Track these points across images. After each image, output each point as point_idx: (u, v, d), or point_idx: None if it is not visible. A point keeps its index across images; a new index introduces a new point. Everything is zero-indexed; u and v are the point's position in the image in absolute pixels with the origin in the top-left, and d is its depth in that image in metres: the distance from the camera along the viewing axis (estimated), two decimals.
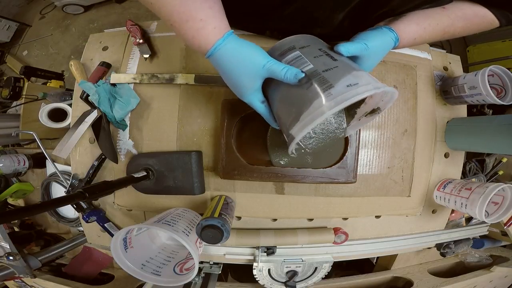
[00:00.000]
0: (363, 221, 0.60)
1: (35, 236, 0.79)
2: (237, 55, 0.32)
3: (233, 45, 0.31)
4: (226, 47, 0.31)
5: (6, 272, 0.57)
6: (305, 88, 0.30)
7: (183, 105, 0.55)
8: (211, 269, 0.62)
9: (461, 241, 0.69)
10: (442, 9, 0.40)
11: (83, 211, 0.57)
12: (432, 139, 0.60)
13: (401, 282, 0.72)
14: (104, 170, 0.58)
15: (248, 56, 0.32)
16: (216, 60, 0.32)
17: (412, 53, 0.60)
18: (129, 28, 0.56)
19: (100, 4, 2.33)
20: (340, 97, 0.26)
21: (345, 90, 0.27)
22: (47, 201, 0.48)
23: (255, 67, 0.32)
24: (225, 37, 0.31)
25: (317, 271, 0.59)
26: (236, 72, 0.33)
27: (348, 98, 0.26)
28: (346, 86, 0.27)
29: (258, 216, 0.58)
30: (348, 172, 0.50)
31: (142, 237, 0.50)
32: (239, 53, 0.32)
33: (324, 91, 0.28)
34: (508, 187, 0.51)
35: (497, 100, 0.52)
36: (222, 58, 0.32)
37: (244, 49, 0.32)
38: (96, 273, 0.73)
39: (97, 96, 0.53)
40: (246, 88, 0.34)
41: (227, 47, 0.31)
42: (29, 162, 0.77)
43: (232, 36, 0.32)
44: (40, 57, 2.32)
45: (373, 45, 0.36)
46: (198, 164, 0.53)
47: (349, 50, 0.35)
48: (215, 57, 0.32)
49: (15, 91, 0.89)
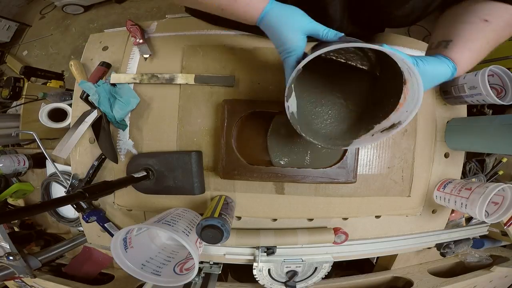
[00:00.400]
0: (363, 221, 0.60)
1: (35, 236, 0.79)
2: (284, 15, 0.36)
3: (279, 7, 0.36)
4: (273, 10, 0.36)
5: (6, 272, 0.57)
6: None
7: (183, 105, 0.55)
8: (211, 269, 0.62)
9: (461, 241, 0.69)
10: (485, 24, 0.38)
11: (83, 211, 0.57)
12: (432, 139, 0.60)
13: (401, 282, 0.72)
14: (104, 170, 0.58)
15: (293, 15, 0.36)
16: (267, 23, 0.37)
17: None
18: (129, 28, 0.56)
19: (100, 4, 2.33)
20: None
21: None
22: (47, 201, 0.48)
23: (300, 23, 0.36)
24: (270, 2, 0.36)
25: (317, 271, 0.59)
26: (284, 29, 0.36)
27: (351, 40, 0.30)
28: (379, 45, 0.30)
29: (258, 216, 0.58)
30: (348, 172, 0.50)
31: (142, 237, 0.50)
32: (286, 13, 0.36)
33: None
34: (508, 187, 0.51)
35: (497, 100, 0.52)
36: (271, 19, 0.36)
37: (289, 10, 0.36)
38: (96, 273, 0.73)
39: (97, 96, 0.53)
40: (292, 42, 0.37)
41: (274, 10, 0.36)
42: (29, 162, 0.77)
43: (275, 1, 0.36)
44: (40, 57, 2.32)
45: (425, 67, 0.35)
46: (198, 164, 0.53)
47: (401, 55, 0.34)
48: (265, 21, 0.37)
49: (15, 91, 0.89)
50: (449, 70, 0.38)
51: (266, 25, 0.37)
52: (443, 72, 0.37)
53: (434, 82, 0.38)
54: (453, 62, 0.38)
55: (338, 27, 0.46)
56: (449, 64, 0.37)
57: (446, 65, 0.37)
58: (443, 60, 0.37)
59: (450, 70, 0.38)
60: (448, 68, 0.37)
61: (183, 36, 0.57)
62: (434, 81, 0.38)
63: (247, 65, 0.55)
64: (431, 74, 0.37)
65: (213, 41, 0.56)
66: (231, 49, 0.56)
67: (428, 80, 0.37)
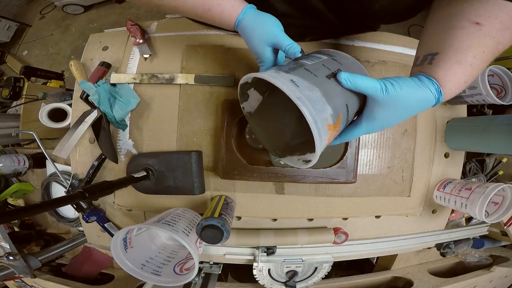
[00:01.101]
0: (363, 221, 0.60)
1: (35, 236, 0.79)
2: (253, 25, 0.36)
3: (251, 17, 0.36)
4: (245, 19, 0.36)
5: (6, 272, 0.57)
6: None
7: (183, 105, 0.55)
8: (211, 269, 0.62)
9: (461, 241, 0.69)
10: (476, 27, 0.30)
11: (83, 211, 0.57)
12: (432, 139, 0.60)
13: (401, 282, 0.72)
14: (104, 170, 0.58)
15: (262, 26, 0.36)
16: (240, 31, 0.37)
17: (412, 53, 0.60)
18: (129, 28, 0.56)
19: (100, 4, 2.33)
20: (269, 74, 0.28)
21: (284, 78, 0.28)
22: (47, 201, 0.48)
23: (266, 35, 0.36)
24: (244, 11, 0.36)
25: (317, 271, 0.59)
26: (251, 40, 0.37)
27: (264, 76, 0.28)
28: (289, 80, 0.28)
29: (258, 216, 0.58)
30: (348, 172, 0.50)
31: (142, 237, 0.50)
32: (255, 23, 0.36)
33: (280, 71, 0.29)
34: (508, 187, 0.51)
35: (497, 100, 0.52)
36: (243, 28, 0.37)
37: (260, 20, 0.36)
38: (96, 273, 0.73)
39: (97, 96, 0.53)
40: (259, 54, 0.37)
41: (246, 19, 0.36)
42: (29, 162, 0.77)
43: (250, 10, 0.36)
44: (40, 57, 2.32)
45: (398, 93, 0.28)
46: (198, 164, 0.53)
47: (352, 81, 0.29)
48: (239, 29, 0.37)
49: (15, 91, 0.89)
50: (431, 96, 0.30)
51: (240, 33, 0.38)
52: (423, 98, 0.30)
53: (411, 112, 0.31)
54: (437, 83, 0.30)
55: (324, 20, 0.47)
56: (431, 88, 0.30)
57: (427, 89, 0.30)
58: (423, 82, 0.30)
59: (432, 95, 0.30)
60: (429, 92, 0.30)
61: (183, 36, 0.57)
62: (411, 110, 0.30)
63: (247, 65, 0.55)
64: (406, 101, 0.29)
65: (213, 41, 0.56)
66: (231, 49, 0.56)
67: (402, 110, 0.30)
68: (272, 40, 0.36)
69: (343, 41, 0.57)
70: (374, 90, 0.29)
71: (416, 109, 0.31)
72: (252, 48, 0.38)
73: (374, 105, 0.30)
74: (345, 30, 0.55)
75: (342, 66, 0.33)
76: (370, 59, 0.57)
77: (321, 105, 0.27)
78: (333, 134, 0.30)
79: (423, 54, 0.34)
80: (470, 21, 0.30)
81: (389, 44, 0.58)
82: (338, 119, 0.29)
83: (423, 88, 0.30)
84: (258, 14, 0.37)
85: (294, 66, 0.30)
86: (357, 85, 0.29)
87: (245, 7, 0.36)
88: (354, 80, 0.29)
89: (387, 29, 0.59)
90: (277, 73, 0.29)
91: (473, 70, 0.31)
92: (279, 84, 0.26)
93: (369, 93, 0.29)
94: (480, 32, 0.30)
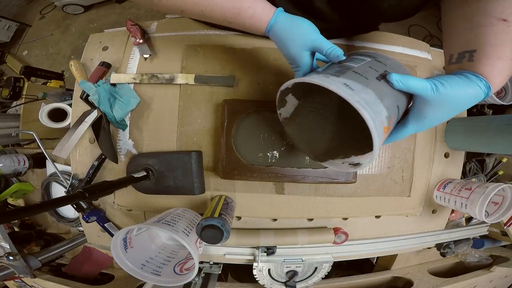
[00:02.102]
0: (363, 221, 0.60)
1: (35, 236, 0.79)
2: (289, 30, 0.35)
3: (284, 21, 0.35)
4: (278, 24, 0.35)
5: (6, 272, 0.57)
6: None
7: (183, 105, 0.55)
8: (211, 269, 0.62)
9: (461, 241, 0.69)
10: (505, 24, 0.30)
11: (83, 211, 0.57)
12: (432, 139, 0.60)
13: (401, 282, 0.72)
14: (104, 170, 0.58)
15: (298, 30, 0.35)
16: (273, 36, 0.36)
17: (412, 53, 0.60)
18: (129, 28, 0.56)
19: (100, 4, 2.33)
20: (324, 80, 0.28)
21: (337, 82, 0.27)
22: (47, 201, 0.48)
23: (303, 39, 0.35)
24: (276, 15, 0.35)
25: (317, 271, 0.59)
26: (288, 45, 0.35)
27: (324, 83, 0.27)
28: (343, 83, 0.27)
29: (258, 216, 0.58)
30: (348, 172, 0.50)
31: (142, 237, 0.50)
32: (291, 27, 0.35)
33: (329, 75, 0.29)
34: (508, 187, 0.51)
35: (497, 100, 0.52)
36: (276, 33, 0.35)
37: (295, 24, 0.35)
38: (96, 273, 0.73)
39: (97, 96, 0.53)
40: (296, 59, 0.36)
41: (279, 24, 0.35)
42: (29, 162, 0.77)
43: (282, 13, 0.35)
44: (40, 57, 2.32)
45: (448, 92, 0.29)
46: (198, 164, 0.53)
47: (404, 82, 0.29)
48: (271, 34, 0.36)
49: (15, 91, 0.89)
50: (481, 91, 0.30)
51: (272, 38, 0.37)
52: (473, 95, 0.30)
53: (460, 108, 0.31)
54: (484, 79, 0.30)
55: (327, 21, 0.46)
56: (480, 84, 0.30)
57: (477, 86, 0.30)
58: (471, 79, 0.30)
59: (482, 91, 0.30)
60: (479, 89, 0.30)
61: (183, 36, 0.57)
62: (461, 107, 0.31)
63: (247, 65, 0.55)
64: (456, 99, 0.30)
65: (213, 41, 0.56)
66: (231, 49, 0.56)
67: (453, 107, 0.30)
68: (311, 44, 0.35)
69: (343, 41, 0.57)
70: (425, 90, 0.29)
71: (465, 105, 0.31)
72: (288, 53, 0.36)
73: (424, 104, 0.30)
74: (350, 31, 0.55)
75: (388, 68, 0.32)
76: None
77: (377, 107, 0.27)
78: (386, 135, 0.30)
79: (457, 51, 0.34)
80: (496, 18, 0.30)
81: (389, 44, 0.58)
82: (391, 120, 0.29)
83: (473, 85, 0.30)
84: (291, 18, 0.35)
85: (341, 69, 0.30)
86: (408, 86, 0.29)
87: (276, 11, 0.35)
88: (405, 81, 0.29)
89: (387, 29, 0.59)
90: (327, 77, 0.28)
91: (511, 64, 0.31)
92: (333, 88, 0.26)
93: (420, 93, 0.29)
94: (510, 29, 0.30)
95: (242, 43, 0.56)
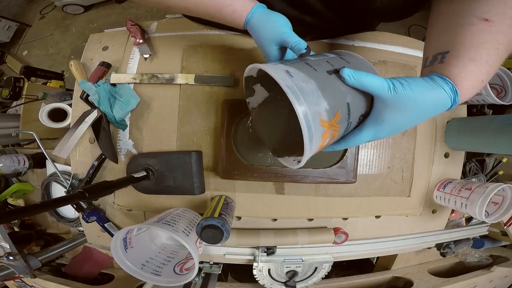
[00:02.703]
0: (363, 221, 0.60)
1: (35, 236, 0.79)
2: (262, 23, 0.37)
3: (260, 15, 0.37)
4: (254, 18, 0.37)
5: (6, 272, 0.57)
6: None
7: (183, 105, 0.55)
8: (211, 269, 0.62)
9: (461, 241, 0.69)
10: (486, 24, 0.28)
11: (83, 211, 0.57)
12: (432, 139, 0.60)
13: (401, 282, 0.72)
14: (104, 170, 0.58)
15: (270, 25, 0.36)
16: (250, 30, 0.38)
17: (412, 53, 0.60)
18: (129, 28, 0.56)
19: (100, 4, 2.33)
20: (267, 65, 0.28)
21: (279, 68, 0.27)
22: (47, 201, 0.48)
23: (273, 34, 0.36)
24: (253, 10, 0.37)
25: (317, 271, 0.59)
26: (260, 38, 0.37)
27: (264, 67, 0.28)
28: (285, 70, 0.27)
29: (258, 216, 0.58)
30: (348, 172, 0.50)
31: (142, 237, 0.50)
32: (264, 21, 0.37)
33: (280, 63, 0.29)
34: (508, 187, 0.51)
35: (497, 100, 0.52)
36: (251, 27, 0.37)
37: (268, 19, 0.37)
38: (96, 273, 0.73)
39: (97, 96, 0.53)
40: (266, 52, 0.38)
41: (255, 18, 0.37)
42: (29, 162, 0.77)
43: (259, 9, 0.37)
44: (40, 57, 2.32)
45: (408, 93, 0.26)
46: (198, 164, 0.53)
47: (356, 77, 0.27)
48: (248, 27, 0.38)
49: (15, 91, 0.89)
50: (446, 95, 0.27)
51: (250, 31, 0.39)
52: (437, 98, 0.27)
53: (424, 114, 0.28)
54: (451, 82, 0.28)
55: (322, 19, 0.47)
56: (445, 87, 0.27)
57: (441, 89, 0.27)
58: (436, 81, 0.27)
59: (447, 95, 0.27)
60: (443, 92, 0.27)
61: (183, 36, 0.57)
62: (424, 112, 0.28)
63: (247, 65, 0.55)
64: (417, 102, 0.27)
65: (213, 41, 0.56)
66: (231, 49, 0.56)
67: (414, 111, 0.27)
68: (279, 38, 0.36)
69: (343, 41, 0.57)
70: (381, 89, 0.26)
71: (429, 111, 0.28)
72: (261, 46, 0.38)
73: (381, 106, 0.28)
74: (345, 29, 0.56)
75: (349, 65, 0.31)
76: (370, 59, 0.56)
77: (314, 98, 0.26)
78: (328, 133, 0.28)
79: (432, 54, 0.32)
80: (478, 18, 0.28)
81: (389, 44, 0.58)
82: (335, 116, 0.27)
83: (436, 87, 0.27)
84: (267, 13, 0.37)
85: (296, 61, 0.30)
86: (361, 82, 0.27)
87: (254, 6, 0.37)
88: (358, 76, 0.27)
89: (387, 29, 0.59)
90: (275, 65, 0.28)
91: (489, 68, 0.28)
92: (271, 72, 0.26)
93: (376, 92, 0.27)
94: (491, 29, 0.28)
95: (241, 43, 0.56)
